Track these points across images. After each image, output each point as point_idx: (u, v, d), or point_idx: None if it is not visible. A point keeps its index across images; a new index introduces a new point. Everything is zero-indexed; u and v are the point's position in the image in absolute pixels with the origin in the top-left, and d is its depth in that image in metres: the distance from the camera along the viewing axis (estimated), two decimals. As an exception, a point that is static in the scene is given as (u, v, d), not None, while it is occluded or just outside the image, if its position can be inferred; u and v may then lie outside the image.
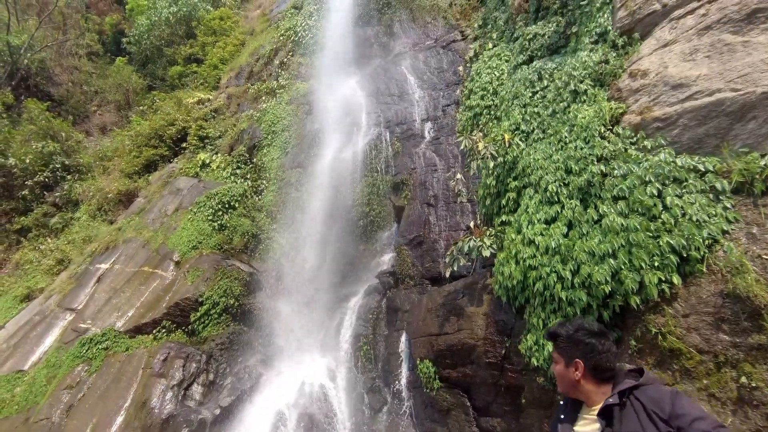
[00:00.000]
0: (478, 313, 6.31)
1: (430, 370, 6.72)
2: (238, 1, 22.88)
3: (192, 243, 10.81)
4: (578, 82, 6.33)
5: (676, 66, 4.93)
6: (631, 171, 4.93)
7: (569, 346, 2.34)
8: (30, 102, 17.39)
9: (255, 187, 12.66)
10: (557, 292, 5.02)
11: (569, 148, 5.85)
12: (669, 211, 4.47)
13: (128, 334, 9.29)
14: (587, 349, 2.26)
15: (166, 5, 21.05)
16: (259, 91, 15.14)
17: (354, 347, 8.59)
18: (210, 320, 9.49)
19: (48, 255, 13.43)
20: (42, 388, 8.92)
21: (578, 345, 2.30)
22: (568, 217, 5.40)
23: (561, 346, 2.38)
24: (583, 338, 2.30)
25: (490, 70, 9.05)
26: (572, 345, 2.33)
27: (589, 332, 2.31)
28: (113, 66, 21.76)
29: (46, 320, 10.61)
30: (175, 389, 8.19)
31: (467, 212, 8.30)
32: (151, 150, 15.37)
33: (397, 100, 11.63)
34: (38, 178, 15.53)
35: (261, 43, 17.34)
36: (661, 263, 4.31)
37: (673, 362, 4.14)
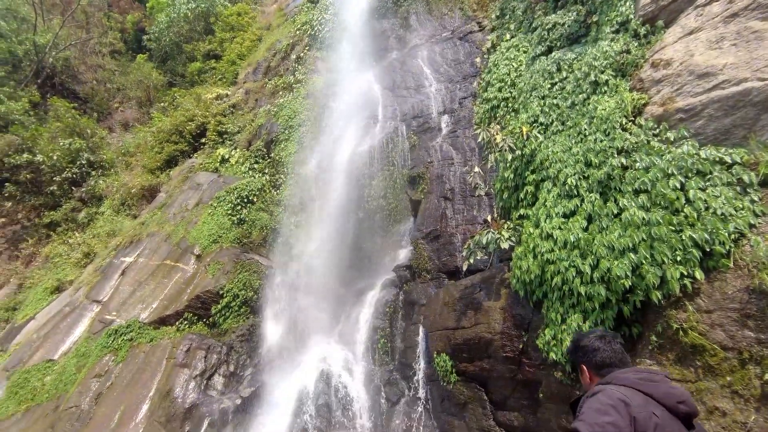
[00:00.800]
0: (495, 307, 6.28)
1: (447, 364, 6.73)
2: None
3: (212, 237, 11.03)
4: (599, 73, 6.18)
5: (702, 54, 4.78)
6: (653, 163, 4.81)
7: (574, 355, 2.50)
8: (55, 100, 17.91)
9: (273, 182, 12.80)
10: (576, 287, 4.96)
11: (589, 140, 5.74)
12: (691, 204, 4.36)
13: (152, 325, 9.57)
14: (585, 350, 2.40)
15: (184, 1, 21.32)
16: (276, 86, 15.26)
17: (371, 340, 8.66)
18: (230, 313, 9.70)
19: (76, 248, 13.89)
20: (72, 376, 9.27)
21: (577, 351, 2.46)
22: (587, 210, 5.31)
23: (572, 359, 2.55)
24: (579, 342, 2.46)
25: (507, 62, 8.91)
26: (575, 353, 2.49)
27: (586, 335, 2.46)
28: (134, 63, 22.20)
29: (76, 311, 11.00)
30: (198, 379, 8.42)
31: (484, 206, 8.24)
32: (171, 146, 15.68)
33: (413, 93, 11.57)
34: (66, 174, 16.03)
35: (278, 38, 17.43)
36: (683, 258, 4.21)
37: (696, 359, 4.06)
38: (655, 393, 1.99)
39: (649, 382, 2.05)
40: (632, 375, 2.10)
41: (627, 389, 2.00)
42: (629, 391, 1.99)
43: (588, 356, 2.37)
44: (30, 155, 15.76)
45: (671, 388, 2.06)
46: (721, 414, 3.78)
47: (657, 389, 2.01)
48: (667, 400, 1.98)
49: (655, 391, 2.00)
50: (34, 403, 9.20)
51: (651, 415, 1.89)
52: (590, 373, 2.35)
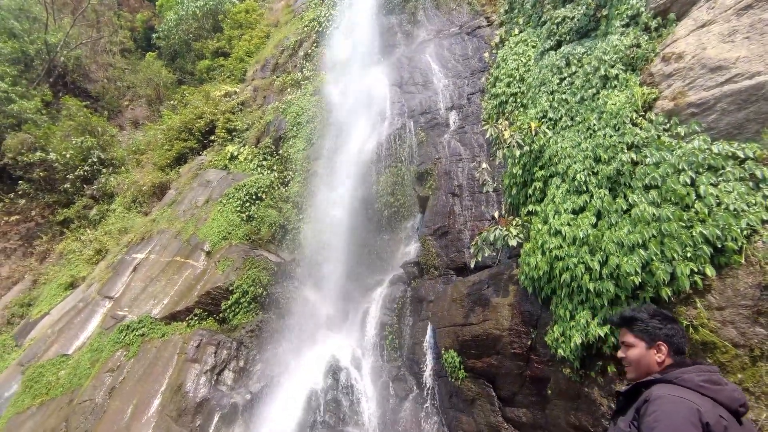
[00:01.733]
0: (503, 303, 6.28)
1: (455, 360, 6.75)
2: (262, -7, 23.06)
3: (222, 234, 11.14)
4: (608, 67, 6.11)
5: (714, 48, 4.70)
6: (663, 159, 4.75)
7: (652, 329, 2.34)
8: (67, 99, 18.14)
9: (281, 179, 12.87)
10: (585, 283, 4.94)
11: (598, 135, 5.69)
12: (703, 200, 4.31)
13: (163, 321, 9.70)
14: (670, 331, 2.30)
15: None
16: (284, 82, 15.30)
17: (379, 336, 8.70)
18: (240, 308, 9.79)
19: (88, 245, 14.11)
20: (86, 371, 9.45)
21: (660, 328, 2.32)
22: (596, 206, 5.27)
23: (641, 329, 2.37)
24: (665, 322, 2.34)
25: (516, 57, 8.84)
26: (654, 328, 2.33)
27: (666, 317, 2.37)
28: (143, 61, 22.39)
29: (88, 307, 11.19)
30: (208, 374, 8.53)
31: (492, 202, 8.22)
32: (181, 143, 15.82)
33: (421, 89, 11.53)
34: (78, 172, 16.26)
35: (285, 35, 17.46)
36: (693, 254, 4.17)
37: (707, 356, 4.02)
38: (719, 397, 1.97)
39: (714, 385, 2.01)
40: (696, 377, 2.03)
41: (693, 394, 1.96)
42: (696, 397, 1.95)
43: (671, 336, 2.28)
44: (43, 153, 16.00)
45: (734, 391, 2.04)
46: (731, 412, 3.75)
47: (721, 393, 1.99)
48: (731, 405, 1.98)
49: (720, 396, 1.98)
50: (48, 397, 9.39)
51: (720, 419, 1.89)
52: (668, 355, 2.27)
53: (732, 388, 2.05)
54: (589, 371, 4.95)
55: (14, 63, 18.49)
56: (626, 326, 2.43)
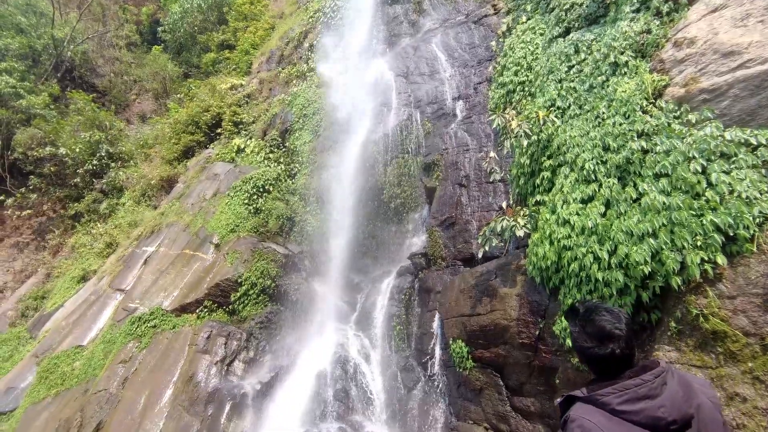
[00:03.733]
0: (511, 293, 6.27)
1: (462, 350, 6.77)
2: (267, -16, 22.93)
3: (230, 226, 11.21)
4: (618, 54, 6.01)
5: (727, 32, 4.60)
6: (674, 146, 4.69)
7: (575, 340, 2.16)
8: (75, 93, 18.25)
9: (288, 171, 12.89)
10: (593, 273, 4.91)
11: (607, 124, 5.61)
12: (714, 188, 4.25)
13: (174, 313, 9.82)
14: (585, 344, 2.09)
15: (197, -8, 21.40)
16: (289, 74, 15.26)
17: (387, 327, 8.75)
18: (249, 300, 9.88)
19: (98, 239, 14.28)
20: (99, 361, 9.61)
21: (577, 340, 2.14)
22: (605, 196, 5.22)
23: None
24: (586, 325, 2.11)
25: (523, 45, 8.72)
26: (575, 340, 2.16)
27: (588, 318, 2.11)
28: (149, 55, 22.43)
29: (100, 300, 11.35)
30: (219, 365, 8.64)
31: (500, 192, 8.17)
32: (188, 136, 15.89)
33: (427, 80, 11.44)
34: (87, 167, 16.41)
35: (290, 26, 17.37)
36: (704, 243, 4.12)
37: (717, 345, 4.00)
38: (638, 419, 1.78)
39: (635, 405, 1.80)
40: (615, 399, 1.83)
41: (608, 418, 1.80)
42: (611, 423, 1.79)
43: (586, 350, 2.08)
44: (53, 148, 16.17)
45: (659, 408, 1.79)
46: (741, 400, 3.73)
47: (641, 414, 1.78)
48: (655, 424, 1.77)
49: (638, 417, 1.78)
50: (64, 388, 9.57)
51: None
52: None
53: (657, 405, 1.79)
54: (597, 361, 4.93)
55: (22, 58, 18.61)
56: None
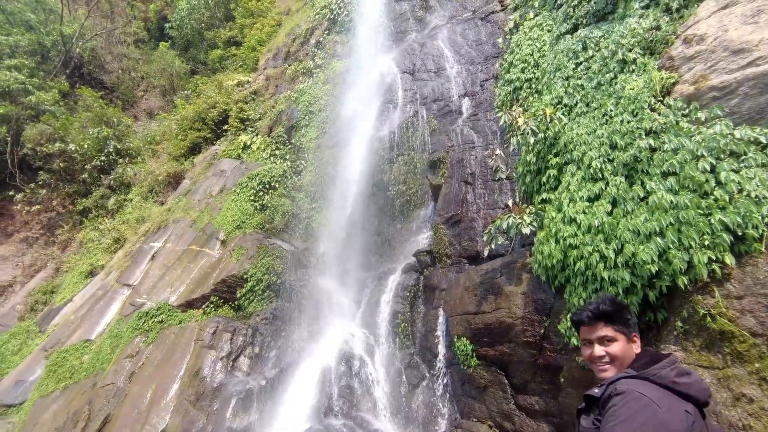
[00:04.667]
0: (516, 292, 6.25)
1: (467, 348, 6.76)
2: (273, -19, 22.93)
3: (236, 222, 11.27)
4: (626, 51, 5.95)
5: (737, 29, 4.53)
6: (681, 145, 4.64)
7: (626, 320, 2.25)
8: (83, 90, 18.40)
9: (294, 168, 12.92)
10: (599, 272, 4.88)
11: (615, 121, 5.57)
12: (723, 187, 4.20)
13: (180, 308, 9.90)
14: (634, 321, 2.26)
15: (204, -12, 21.44)
16: (296, 71, 15.27)
17: (392, 324, 8.76)
18: (254, 296, 9.94)
19: (106, 234, 14.42)
20: (107, 356, 9.73)
21: (630, 318, 2.26)
22: (612, 194, 5.18)
23: (624, 321, 2.25)
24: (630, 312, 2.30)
25: (531, 42, 8.66)
26: (627, 320, 2.25)
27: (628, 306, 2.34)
28: (157, 51, 22.53)
29: (108, 295, 11.48)
30: (224, 360, 8.71)
31: (506, 190, 8.14)
32: (195, 133, 15.97)
33: (433, 76, 11.41)
34: (95, 162, 16.56)
35: (297, 23, 17.37)
36: (712, 242, 4.08)
37: (724, 345, 3.96)
38: (690, 391, 1.91)
39: (686, 378, 1.94)
40: (670, 371, 1.94)
41: (660, 391, 1.88)
42: (664, 396, 1.87)
43: (637, 328, 2.25)
44: (62, 144, 16.32)
45: (701, 382, 1.98)
46: (747, 401, 3.70)
47: (692, 387, 1.93)
48: (700, 397, 1.92)
49: (691, 390, 1.92)
50: (72, 381, 9.70)
51: (686, 415, 1.82)
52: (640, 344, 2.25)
53: (700, 380, 1.99)
54: (602, 360, 4.91)
55: (31, 55, 18.78)
56: (607, 320, 2.25)
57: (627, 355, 2.21)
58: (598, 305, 2.28)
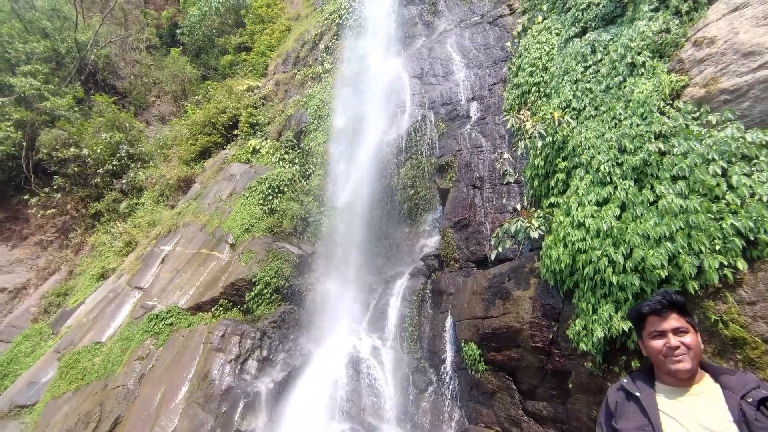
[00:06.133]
0: (524, 296, 6.21)
1: (475, 353, 6.73)
2: (283, -13, 23.18)
3: (245, 226, 11.36)
4: (636, 54, 5.91)
5: (747, 32, 4.48)
6: (692, 149, 4.59)
7: (691, 313, 2.21)
8: (98, 96, 18.73)
9: (303, 172, 13.00)
10: (608, 277, 4.83)
11: (624, 125, 5.53)
12: (735, 191, 4.15)
13: (190, 311, 9.99)
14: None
15: (215, -5, 21.75)
16: (305, 76, 15.40)
17: (400, 328, 8.75)
18: (263, 299, 10.00)
19: (118, 237, 14.62)
20: (117, 358, 9.83)
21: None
22: (621, 198, 5.14)
23: (687, 314, 2.22)
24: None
25: (539, 45, 8.64)
26: (691, 313, 2.23)
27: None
28: (169, 57, 22.87)
29: (119, 297, 11.61)
30: (233, 363, 8.75)
31: (514, 194, 8.10)
32: (205, 137, 16.15)
33: (441, 81, 11.42)
34: (108, 167, 16.81)
35: (306, 28, 17.53)
36: (723, 247, 4.02)
37: (736, 352, 3.90)
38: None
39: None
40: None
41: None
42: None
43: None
44: (77, 149, 16.60)
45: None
46: (761, 409, 3.63)
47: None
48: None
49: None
50: (84, 383, 9.82)
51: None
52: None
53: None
54: (612, 366, 4.86)
55: (46, 61, 19.15)
56: (678, 310, 2.19)
57: (699, 347, 2.16)
58: (669, 294, 2.23)
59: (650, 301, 2.26)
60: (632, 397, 2.24)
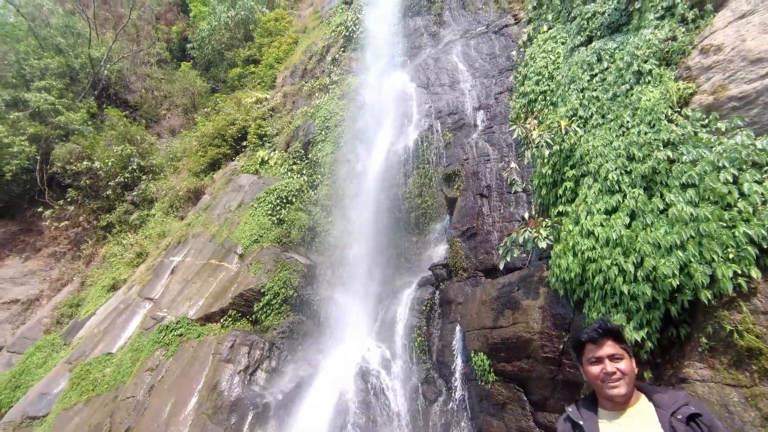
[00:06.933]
0: (533, 306, 6.15)
1: (484, 363, 6.66)
2: (291, 1, 23.55)
3: (254, 237, 11.43)
4: (642, 62, 5.90)
5: (755, 39, 4.46)
6: (701, 156, 4.55)
7: (625, 340, 2.39)
8: (110, 110, 19.09)
9: (310, 182, 13.09)
10: (618, 286, 4.78)
11: (631, 133, 5.50)
12: (747, 198, 4.09)
13: (199, 322, 10.04)
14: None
15: (224, 9, 22.14)
16: (312, 88, 15.56)
17: (408, 338, 8.70)
18: (272, 310, 10.02)
19: (129, 249, 14.79)
20: (128, 369, 9.89)
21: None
22: (630, 206, 5.09)
23: (622, 340, 2.36)
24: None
25: (545, 54, 8.66)
26: (625, 340, 2.40)
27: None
28: (179, 71, 23.28)
29: (129, 308, 11.71)
30: (242, 374, 8.76)
31: (522, 203, 8.08)
32: (214, 149, 16.35)
33: (448, 90, 11.48)
34: (119, 179, 17.06)
35: (313, 41, 17.76)
36: (736, 255, 3.97)
37: (752, 362, 3.82)
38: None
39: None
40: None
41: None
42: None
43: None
44: (89, 162, 16.89)
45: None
46: (779, 422, 3.55)
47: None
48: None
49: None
50: (95, 394, 9.87)
51: None
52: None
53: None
54: (624, 377, 4.78)
55: (60, 77, 19.60)
56: (613, 337, 2.35)
57: (634, 372, 2.32)
58: (605, 323, 2.38)
59: (588, 330, 2.41)
60: (577, 426, 2.36)
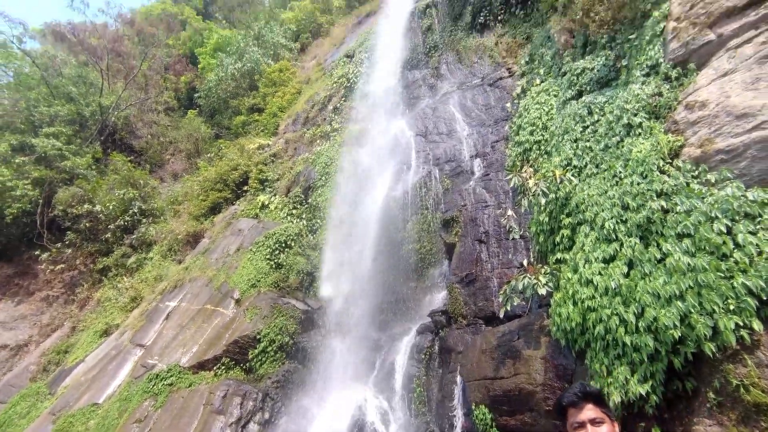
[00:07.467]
0: (535, 356, 6.02)
1: (486, 417, 6.42)
2: (295, 53, 24.69)
3: (251, 281, 11.33)
4: (632, 116, 6.14)
5: (739, 95, 4.68)
6: (694, 206, 4.64)
7: (607, 404, 2.38)
8: (115, 155, 19.47)
9: (310, 227, 13.15)
10: (620, 336, 4.71)
11: (625, 183, 5.62)
12: (742, 249, 4.13)
13: (191, 370, 9.73)
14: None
15: (232, 62, 23.17)
16: (314, 135, 16.00)
17: (407, 388, 8.42)
18: (267, 358, 9.76)
19: (124, 293, 14.58)
20: (114, 421, 9.47)
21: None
22: (627, 255, 5.12)
23: (604, 404, 2.36)
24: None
25: (538, 106, 9.00)
26: (608, 404, 2.40)
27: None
28: (185, 118, 24.00)
29: (120, 355, 11.38)
30: (233, 426, 8.39)
31: (520, 249, 8.09)
32: (216, 193, 16.54)
33: (445, 138, 11.80)
34: (119, 222, 17.11)
35: (316, 91, 18.45)
36: (737, 306, 3.95)
37: (760, 419, 3.70)
38: None
39: None
40: None
41: None
42: None
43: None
44: (90, 205, 17.00)
45: None
46: (794, 484, 3.39)
47: None
48: None
49: None
50: (77, 448, 9.40)
51: None
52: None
53: None
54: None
55: (70, 123, 20.13)
56: (593, 401, 2.32)
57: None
58: (584, 386, 2.40)
59: (568, 393, 2.41)
60: None
